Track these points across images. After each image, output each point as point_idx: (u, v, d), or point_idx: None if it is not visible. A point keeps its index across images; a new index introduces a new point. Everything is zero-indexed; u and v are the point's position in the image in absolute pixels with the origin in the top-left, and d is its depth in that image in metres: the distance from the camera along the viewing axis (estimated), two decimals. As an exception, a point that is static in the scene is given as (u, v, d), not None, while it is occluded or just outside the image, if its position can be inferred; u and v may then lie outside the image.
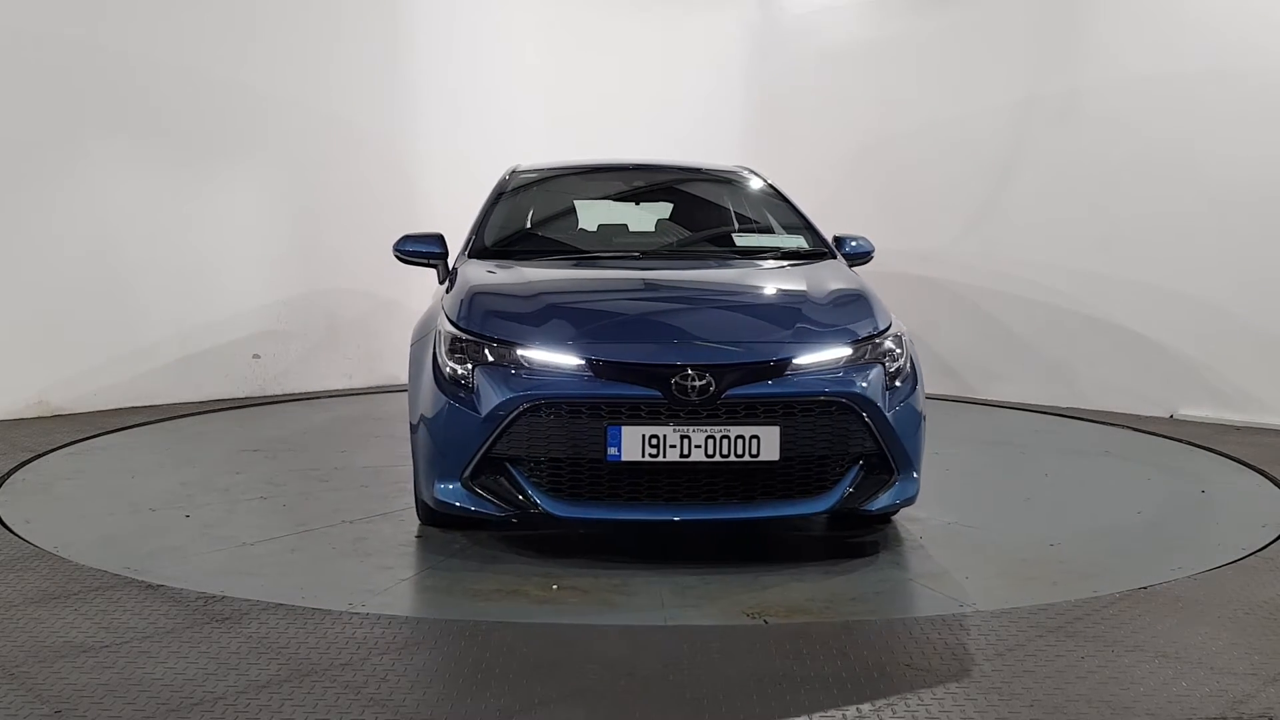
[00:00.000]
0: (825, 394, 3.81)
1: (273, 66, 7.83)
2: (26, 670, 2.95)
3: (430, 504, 4.02)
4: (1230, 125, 7.08)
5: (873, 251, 5.21)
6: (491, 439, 3.77)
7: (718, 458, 3.71)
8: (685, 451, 3.70)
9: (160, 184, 7.36)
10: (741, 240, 5.21)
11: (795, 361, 3.84)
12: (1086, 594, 3.66)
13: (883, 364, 3.97)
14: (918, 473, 4.05)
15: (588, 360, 3.79)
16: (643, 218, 5.74)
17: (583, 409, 3.73)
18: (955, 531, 4.47)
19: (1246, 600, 3.60)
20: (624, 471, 3.74)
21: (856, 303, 4.24)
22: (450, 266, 4.95)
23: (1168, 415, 7.32)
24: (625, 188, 5.82)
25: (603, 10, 9.53)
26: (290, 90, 7.93)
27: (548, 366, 3.82)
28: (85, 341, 7.08)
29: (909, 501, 4.05)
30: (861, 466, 3.92)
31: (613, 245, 5.25)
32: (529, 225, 5.37)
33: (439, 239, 5.05)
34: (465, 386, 3.88)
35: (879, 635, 3.27)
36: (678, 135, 9.34)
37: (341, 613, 3.39)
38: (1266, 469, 5.60)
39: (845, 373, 3.88)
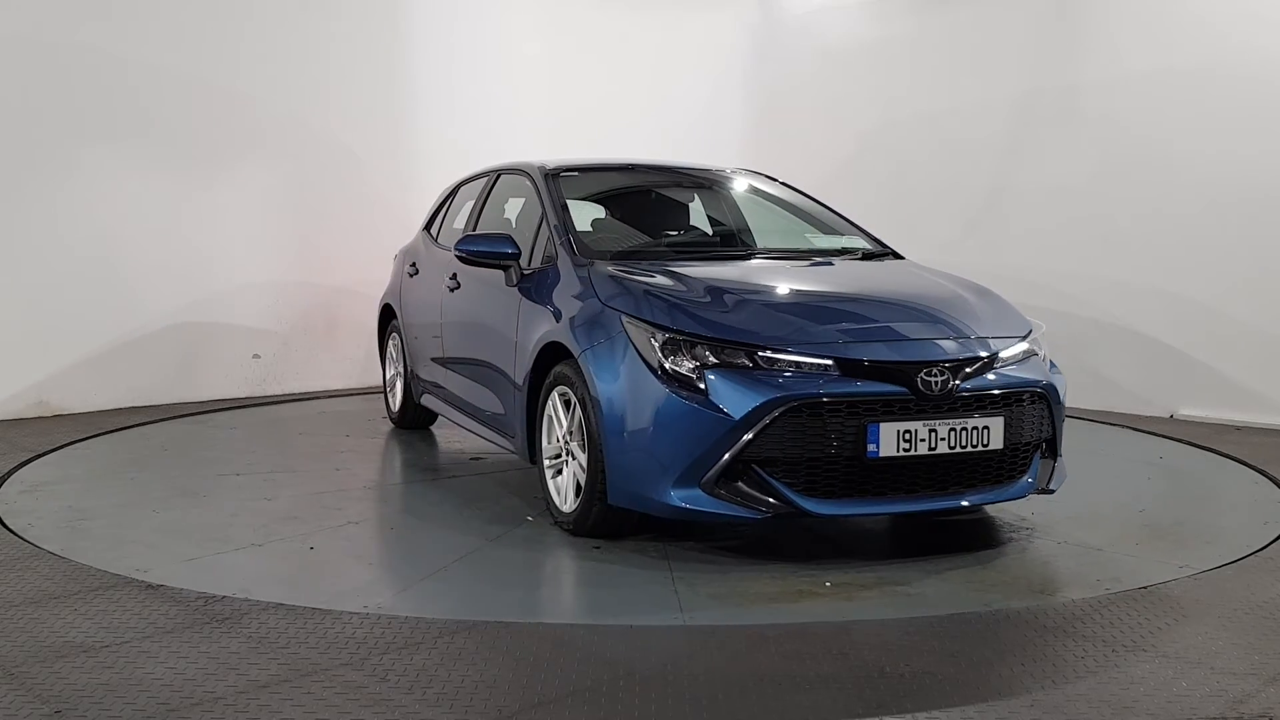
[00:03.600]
0: (1029, 385, 4.11)
1: (272, 68, 7.83)
2: (26, 670, 2.94)
3: (655, 512, 3.93)
4: (1230, 124, 7.07)
5: None
6: (746, 441, 3.74)
7: (957, 449, 3.90)
8: (932, 445, 3.86)
9: (160, 185, 7.36)
10: (820, 241, 5.33)
11: (1001, 355, 4.11)
12: (1204, 563, 4.00)
13: (1038, 356, 4.30)
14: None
15: (836, 359, 3.84)
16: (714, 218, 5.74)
17: (842, 407, 3.77)
18: (1051, 508, 4.65)
19: (1246, 600, 3.60)
20: (879, 467, 3.83)
21: (999, 301, 4.56)
22: (521, 268, 4.83)
23: (1168, 415, 7.32)
24: (676, 188, 5.76)
25: (602, 10, 9.53)
26: (289, 92, 7.93)
27: (793, 366, 3.82)
28: (85, 342, 7.08)
29: (1062, 482, 4.37)
30: (1041, 452, 4.22)
31: (709, 245, 5.34)
32: (622, 226, 5.35)
33: (510, 239, 4.92)
34: (699, 389, 3.82)
35: (879, 636, 3.27)
36: (677, 135, 9.34)
37: (341, 613, 3.38)
38: (1266, 469, 5.60)
39: (1030, 365, 4.20)
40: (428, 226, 6.60)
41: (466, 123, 8.70)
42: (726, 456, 3.76)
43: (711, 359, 3.85)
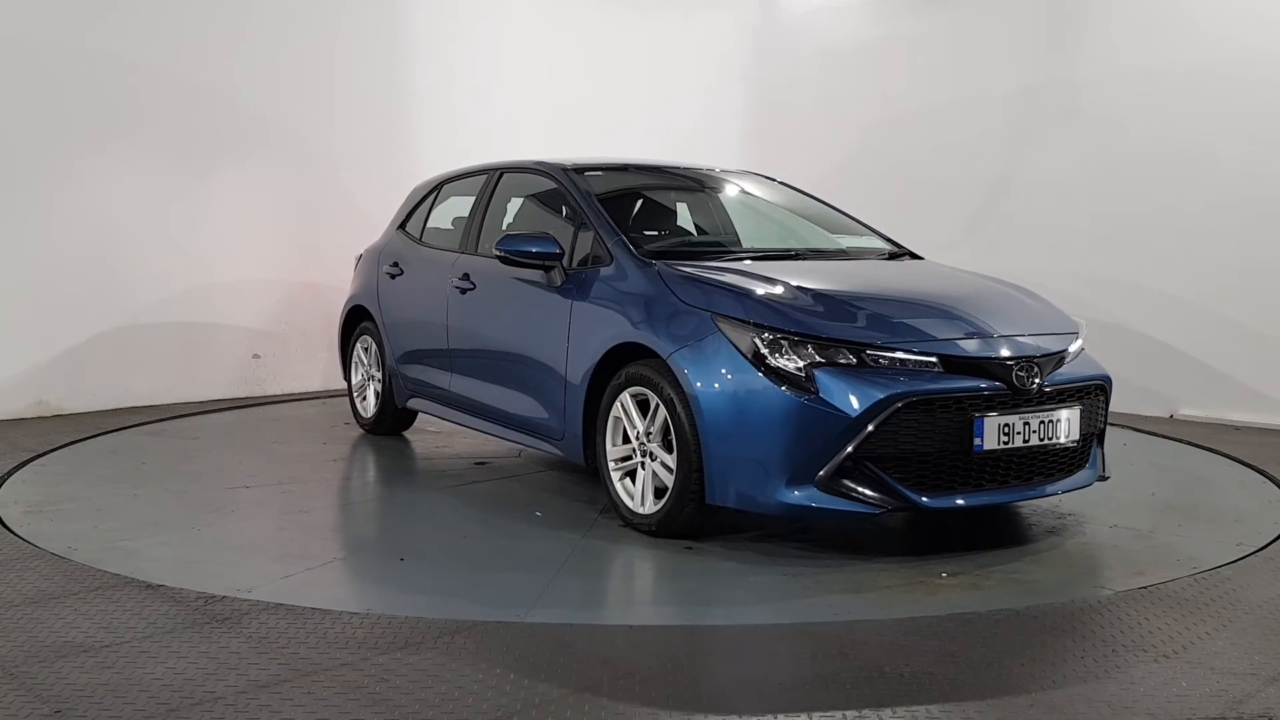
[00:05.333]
0: (1096, 378, 4.33)
1: (272, 69, 7.82)
2: (26, 670, 2.95)
3: (765, 510, 3.93)
4: (1230, 124, 7.08)
5: None
6: (861, 438, 3.79)
7: (1046, 440, 4.08)
8: (1026, 437, 4.02)
9: (159, 185, 7.36)
10: (845, 241, 5.42)
11: (1069, 350, 4.33)
12: (1255, 540, 4.25)
13: (1086, 351, 4.51)
14: None
15: (941, 357, 3.95)
16: (742, 218, 5.75)
17: (951, 404, 3.89)
18: (1072, 497, 4.71)
19: (1246, 600, 3.60)
20: (982, 459, 3.97)
21: (1045, 300, 4.76)
22: (565, 269, 4.74)
23: (1168, 415, 7.32)
24: (699, 190, 5.75)
25: (602, 10, 9.53)
26: (288, 92, 7.93)
27: (899, 364, 3.90)
28: (85, 341, 7.08)
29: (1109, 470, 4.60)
30: (1095, 442, 4.46)
31: (751, 245, 5.38)
32: (665, 226, 5.36)
33: (554, 239, 4.80)
34: (809, 388, 3.84)
35: (879, 636, 3.27)
36: (677, 135, 9.33)
37: (341, 613, 3.38)
38: (1266, 469, 5.61)
39: (1086, 360, 4.41)
40: (403, 226, 6.42)
41: (466, 123, 8.69)
42: (843, 454, 3.81)
43: (817, 357, 3.89)
